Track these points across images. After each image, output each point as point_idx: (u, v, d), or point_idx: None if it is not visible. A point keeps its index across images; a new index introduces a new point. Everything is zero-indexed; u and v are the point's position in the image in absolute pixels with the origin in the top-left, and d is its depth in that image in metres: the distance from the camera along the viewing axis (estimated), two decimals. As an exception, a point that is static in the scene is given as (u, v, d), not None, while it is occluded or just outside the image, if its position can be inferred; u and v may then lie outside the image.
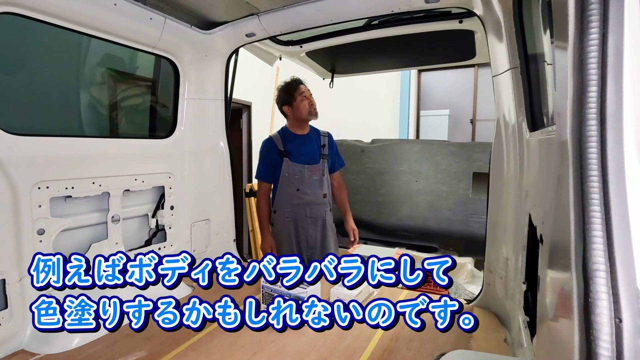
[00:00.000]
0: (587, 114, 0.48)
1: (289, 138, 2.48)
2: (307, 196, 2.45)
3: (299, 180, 2.42)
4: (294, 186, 2.43)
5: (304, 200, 2.45)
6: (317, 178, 2.47)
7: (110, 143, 1.99)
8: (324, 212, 2.53)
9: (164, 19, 1.97)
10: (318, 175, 2.48)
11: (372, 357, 1.47)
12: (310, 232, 2.50)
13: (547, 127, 1.18)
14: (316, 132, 2.60)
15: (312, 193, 2.46)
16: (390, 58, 3.14)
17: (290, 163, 2.42)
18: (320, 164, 2.49)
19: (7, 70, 2.08)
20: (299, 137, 2.49)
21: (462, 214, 4.21)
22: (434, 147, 4.45)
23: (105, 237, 1.90)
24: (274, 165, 2.46)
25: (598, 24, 0.47)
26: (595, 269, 0.45)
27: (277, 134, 2.52)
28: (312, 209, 2.48)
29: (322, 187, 2.50)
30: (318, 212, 2.50)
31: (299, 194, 2.44)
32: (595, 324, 0.44)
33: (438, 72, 6.27)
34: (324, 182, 2.51)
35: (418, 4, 1.80)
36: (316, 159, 2.48)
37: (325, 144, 2.56)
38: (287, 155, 2.42)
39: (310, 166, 2.45)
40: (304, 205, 2.46)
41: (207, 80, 2.37)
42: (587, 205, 0.47)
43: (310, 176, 2.45)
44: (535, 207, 1.17)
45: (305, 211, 2.47)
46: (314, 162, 2.47)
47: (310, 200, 2.46)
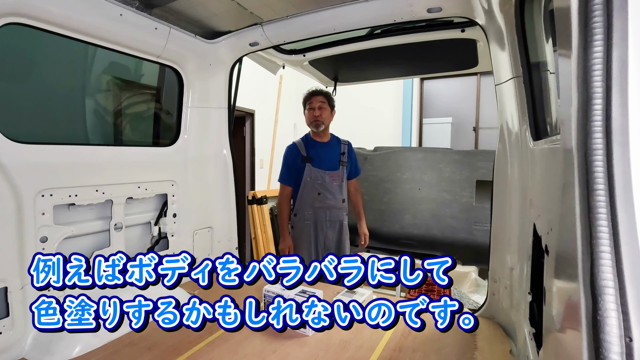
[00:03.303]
0: (593, 127, 0.47)
1: (311, 145, 2.64)
2: (328, 200, 2.60)
3: (321, 185, 2.57)
4: (315, 190, 2.57)
5: (325, 204, 2.60)
6: (337, 184, 2.63)
7: (113, 151, 1.99)
8: (342, 216, 2.68)
9: (169, 29, 2.00)
10: (338, 181, 2.63)
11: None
12: (329, 235, 2.64)
13: (550, 137, 1.17)
14: (337, 140, 2.77)
15: (333, 197, 2.61)
16: (392, 66, 3.15)
17: (313, 169, 2.57)
18: (339, 170, 2.65)
19: (12, 79, 2.11)
20: (320, 144, 2.65)
21: (466, 222, 4.18)
22: (437, 154, 4.44)
23: (107, 245, 1.90)
24: (297, 170, 2.60)
25: (602, 35, 0.47)
26: (604, 285, 0.44)
27: (300, 141, 2.67)
28: (332, 213, 2.63)
29: (341, 192, 2.65)
30: (337, 216, 2.65)
31: (320, 198, 2.58)
32: (605, 343, 0.43)
33: (441, 80, 6.29)
34: (343, 188, 2.67)
35: (420, 13, 1.81)
36: (336, 166, 2.65)
37: (345, 151, 2.73)
38: (310, 161, 2.57)
39: (331, 172, 2.61)
40: (324, 209, 2.60)
41: (211, 88, 2.39)
42: (594, 219, 0.46)
43: (331, 181, 2.60)
44: (540, 217, 1.16)
45: (325, 215, 2.61)
46: (334, 168, 2.63)
47: (330, 205, 2.61)
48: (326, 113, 2.62)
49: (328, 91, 2.71)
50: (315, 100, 2.60)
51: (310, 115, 2.60)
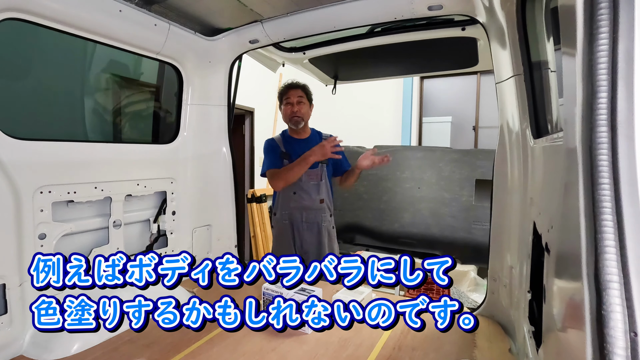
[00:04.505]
0: (598, 121, 0.47)
1: (288, 141, 2.47)
2: (303, 200, 2.42)
3: (296, 184, 2.38)
4: (291, 189, 2.40)
5: (300, 205, 2.42)
6: (314, 183, 2.44)
7: (112, 148, 1.99)
8: (320, 217, 2.47)
9: (169, 26, 1.99)
10: (315, 180, 2.44)
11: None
12: (306, 237, 2.46)
13: (551, 134, 1.17)
14: (318, 135, 2.56)
15: (309, 197, 2.43)
16: (392, 65, 3.15)
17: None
18: (318, 168, 2.44)
19: (11, 75, 2.10)
20: (298, 141, 2.47)
21: (465, 221, 4.19)
22: (436, 153, 4.44)
23: (106, 242, 1.89)
24: (281, 160, 2.41)
25: (608, 28, 0.46)
26: (609, 280, 0.43)
27: (279, 136, 2.52)
28: (308, 214, 2.45)
29: (319, 192, 2.45)
30: (314, 218, 2.46)
31: (295, 198, 2.42)
32: (609, 338, 0.42)
33: (440, 79, 6.29)
34: (322, 187, 2.46)
35: (421, 11, 1.81)
36: (314, 164, 2.37)
37: None
38: (288, 157, 2.40)
39: (308, 170, 2.35)
40: (300, 209, 2.43)
41: (211, 86, 2.38)
42: (598, 213, 0.45)
43: (307, 180, 2.41)
44: (540, 215, 1.16)
45: (301, 215, 2.44)
46: (312, 166, 2.36)
47: (306, 205, 2.43)
48: (305, 108, 2.43)
49: (305, 84, 2.51)
50: (293, 94, 2.41)
51: (288, 111, 2.41)
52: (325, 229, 2.50)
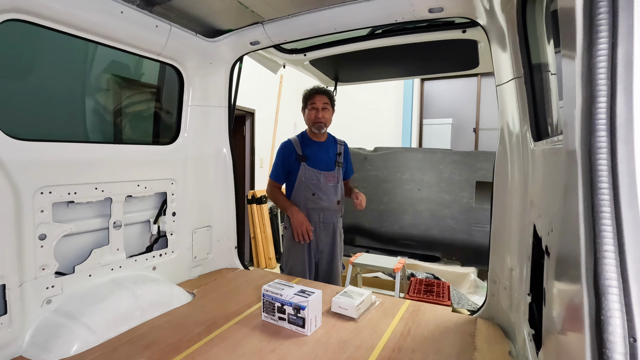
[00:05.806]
0: (597, 125, 0.47)
1: (307, 143, 2.57)
2: (322, 201, 2.53)
3: (315, 186, 2.50)
4: (310, 191, 2.51)
5: (319, 205, 2.53)
6: (332, 185, 2.55)
7: (113, 149, 1.99)
8: (335, 218, 2.60)
9: (170, 27, 1.99)
10: (333, 182, 2.56)
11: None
12: (322, 237, 2.56)
13: (552, 137, 1.17)
14: (334, 140, 2.70)
15: (327, 199, 2.54)
16: (393, 67, 3.15)
17: (308, 168, 2.50)
18: (335, 171, 2.57)
19: (12, 76, 2.10)
20: (316, 144, 2.58)
21: (465, 223, 4.19)
22: (436, 155, 4.44)
23: (106, 243, 1.89)
24: (290, 168, 2.53)
25: (607, 33, 0.46)
26: (608, 284, 0.43)
27: (296, 138, 2.60)
28: (326, 215, 2.55)
29: (336, 194, 2.58)
30: (330, 218, 2.57)
31: (314, 199, 2.51)
32: (608, 343, 0.42)
33: (441, 81, 6.29)
34: (338, 189, 2.59)
35: (421, 14, 1.81)
36: (332, 166, 2.57)
37: (341, 152, 2.66)
38: (305, 160, 2.50)
39: (326, 172, 2.53)
40: (318, 210, 2.53)
41: (212, 87, 2.39)
42: (597, 218, 0.45)
43: (326, 182, 2.53)
44: (540, 218, 1.16)
45: (318, 216, 2.54)
46: (330, 169, 2.55)
47: (324, 206, 2.54)
48: (328, 114, 2.54)
49: (330, 90, 2.62)
50: (319, 100, 2.51)
51: (313, 116, 2.51)
52: (338, 229, 2.64)
